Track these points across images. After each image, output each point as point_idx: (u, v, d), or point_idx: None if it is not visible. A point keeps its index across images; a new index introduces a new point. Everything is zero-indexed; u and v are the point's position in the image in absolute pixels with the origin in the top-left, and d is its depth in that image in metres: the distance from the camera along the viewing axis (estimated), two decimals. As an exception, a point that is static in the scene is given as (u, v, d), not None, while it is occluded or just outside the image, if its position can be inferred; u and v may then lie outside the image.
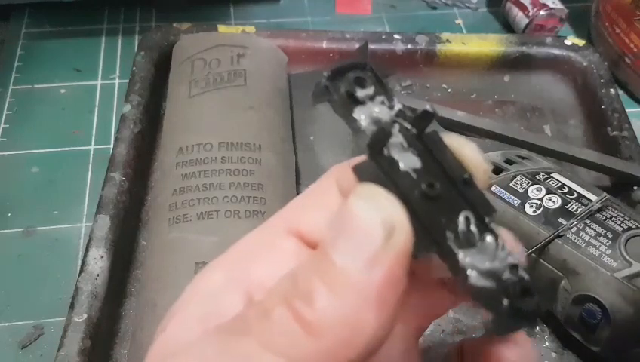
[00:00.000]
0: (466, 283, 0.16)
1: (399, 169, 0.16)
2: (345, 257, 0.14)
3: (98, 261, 0.38)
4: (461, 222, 0.16)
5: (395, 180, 0.16)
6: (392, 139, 0.17)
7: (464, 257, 0.16)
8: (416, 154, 0.17)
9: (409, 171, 0.16)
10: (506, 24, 0.61)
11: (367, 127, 0.17)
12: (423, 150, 0.17)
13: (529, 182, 0.39)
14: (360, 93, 0.17)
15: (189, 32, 0.52)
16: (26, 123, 0.50)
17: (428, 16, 0.62)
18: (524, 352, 0.17)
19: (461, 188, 0.17)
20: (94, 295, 0.37)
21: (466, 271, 0.16)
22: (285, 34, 0.54)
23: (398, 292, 0.15)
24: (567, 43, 0.54)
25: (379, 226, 0.15)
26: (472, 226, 0.16)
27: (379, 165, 0.16)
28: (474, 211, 0.17)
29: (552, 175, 0.40)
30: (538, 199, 0.38)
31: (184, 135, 0.42)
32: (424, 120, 0.17)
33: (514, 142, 0.47)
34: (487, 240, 0.16)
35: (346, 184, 0.18)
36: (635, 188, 0.45)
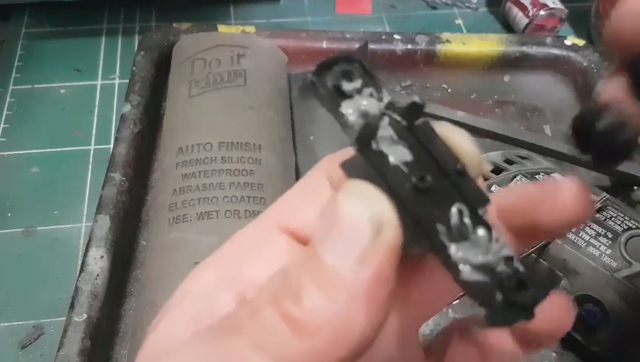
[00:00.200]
0: (458, 278, 0.15)
1: (389, 162, 0.16)
2: (334, 255, 0.14)
3: (98, 261, 0.38)
4: (454, 215, 0.16)
5: (385, 174, 0.16)
6: (381, 132, 0.16)
7: (456, 251, 0.16)
8: (407, 146, 0.16)
9: (399, 164, 0.16)
10: (506, 24, 0.61)
11: (355, 121, 0.16)
12: (414, 142, 0.16)
13: (529, 182, 0.39)
14: (347, 86, 0.17)
15: (189, 32, 0.52)
16: (26, 123, 0.50)
17: (428, 16, 0.62)
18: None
19: (454, 180, 0.16)
20: (94, 295, 0.37)
21: (458, 266, 0.15)
22: (285, 34, 0.54)
23: (387, 289, 0.15)
24: (567, 43, 0.54)
25: (366, 223, 0.15)
26: (466, 218, 0.16)
27: (368, 159, 0.16)
28: (467, 203, 0.16)
29: (552, 175, 0.40)
30: (538, 199, 0.38)
31: (184, 135, 0.42)
32: (414, 111, 0.17)
33: (514, 142, 0.47)
34: (480, 232, 0.16)
35: (337, 176, 0.17)
36: (635, 188, 0.45)
